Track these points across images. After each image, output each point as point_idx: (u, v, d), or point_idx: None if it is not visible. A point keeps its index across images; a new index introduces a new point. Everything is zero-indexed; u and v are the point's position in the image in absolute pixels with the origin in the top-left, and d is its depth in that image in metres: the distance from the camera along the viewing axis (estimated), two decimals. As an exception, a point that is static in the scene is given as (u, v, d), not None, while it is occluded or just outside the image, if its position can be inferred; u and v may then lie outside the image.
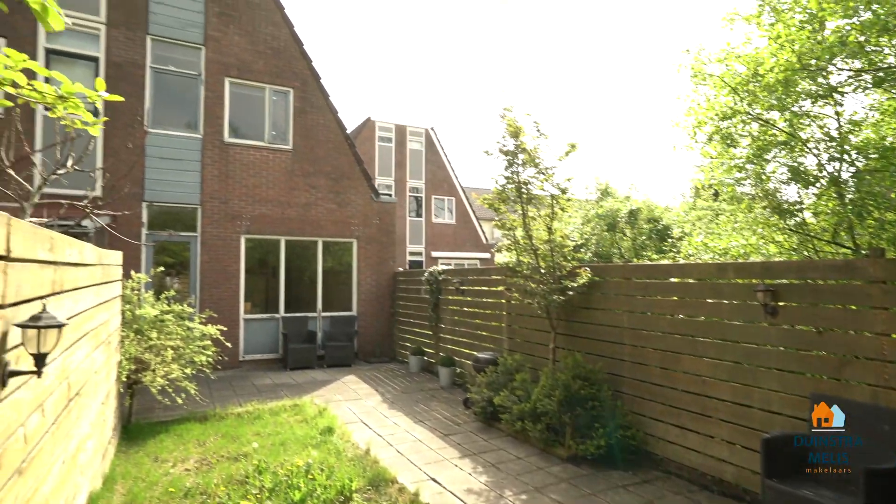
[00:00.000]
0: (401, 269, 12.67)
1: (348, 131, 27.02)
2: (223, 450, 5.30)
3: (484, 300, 8.35)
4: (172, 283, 9.61)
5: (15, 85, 2.04)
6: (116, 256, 5.37)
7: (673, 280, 5.28)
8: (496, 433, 6.12)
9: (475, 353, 7.98)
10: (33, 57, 8.64)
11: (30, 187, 3.40)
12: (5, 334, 1.89)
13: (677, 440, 4.93)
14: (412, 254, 25.92)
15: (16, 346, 1.95)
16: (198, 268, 9.73)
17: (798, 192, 6.02)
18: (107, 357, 4.66)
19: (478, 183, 35.52)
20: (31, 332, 1.89)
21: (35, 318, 1.92)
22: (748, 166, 5.94)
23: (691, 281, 5.09)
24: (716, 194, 8.35)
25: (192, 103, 9.98)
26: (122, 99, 2.23)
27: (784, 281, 4.21)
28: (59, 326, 1.96)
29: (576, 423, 5.27)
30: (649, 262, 7.56)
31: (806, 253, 5.94)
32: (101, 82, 2.31)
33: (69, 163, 3.52)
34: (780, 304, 4.17)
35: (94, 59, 9.20)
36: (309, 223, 10.86)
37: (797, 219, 5.98)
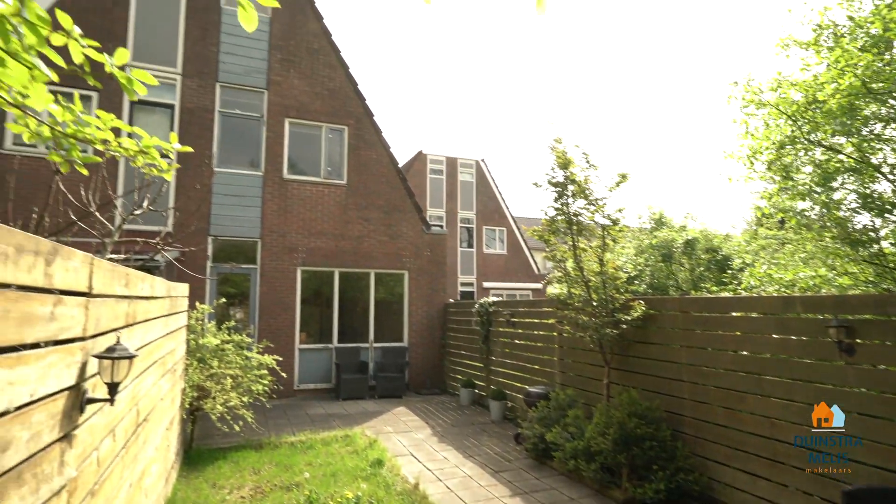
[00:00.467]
0: (451, 300, 12.71)
1: (400, 164, 27.81)
2: (277, 478, 5.41)
3: (535, 333, 8.21)
4: (234, 313, 10.08)
5: (104, 142, 2.28)
6: (183, 288, 5.72)
7: (735, 314, 5.02)
8: (548, 471, 5.92)
9: (526, 386, 7.82)
10: (119, 107, 9.54)
11: (111, 226, 3.71)
12: (85, 364, 2.05)
13: (746, 487, 4.59)
14: (463, 284, 25.96)
15: (93, 376, 2.11)
16: (257, 298, 10.17)
17: (872, 221, 5.63)
18: (172, 384, 4.92)
19: (529, 213, 35.34)
20: (106, 363, 2.05)
21: (110, 349, 2.08)
22: (814, 194, 5.62)
23: (755, 315, 4.83)
24: (781, 222, 7.96)
25: (255, 143, 10.63)
26: (191, 150, 2.44)
27: (863, 316, 3.91)
28: (131, 357, 2.11)
29: (632, 463, 5.02)
30: (709, 295, 7.23)
31: (886, 286, 5.50)
32: (174, 136, 2.54)
33: (145, 203, 3.83)
34: (858, 341, 3.87)
35: (171, 106, 10.03)
36: (362, 255, 11.15)
37: (873, 249, 5.57)
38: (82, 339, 2.00)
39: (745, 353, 4.77)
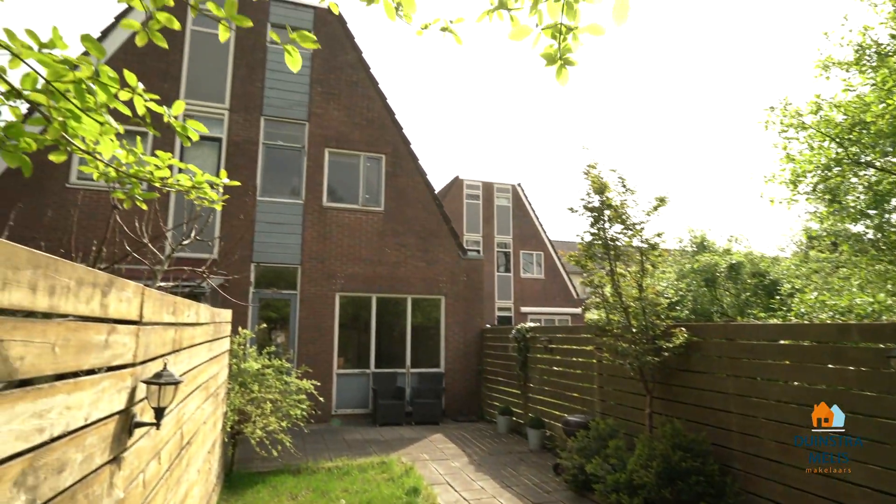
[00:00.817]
0: (488, 325, 12.62)
1: (437, 190, 28.16)
2: (313, 505, 5.43)
3: (573, 359, 8.04)
4: (276, 337, 10.32)
5: (162, 180, 2.45)
6: (227, 314, 5.92)
7: (785, 342, 4.79)
8: (589, 505, 5.72)
9: (565, 414, 7.63)
10: (172, 141, 10.13)
11: (161, 256, 3.91)
12: (134, 389, 2.16)
13: (803, 529, 4.29)
14: (501, 309, 25.76)
15: (140, 400, 2.21)
16: (297, 323, 10.39)
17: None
18: (214, 408, 5.06)
19: (567, 236, 34.96)
20: (154, 388, 2.15)
21: (157, 375, 2.18)
22: (866, 216, 5.35)
23: (808, 344, 4.59)
24: (834, 245, 7.59)
25: (296, 172, 11.02)
26: (239, 183, 2.58)
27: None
28: (177, 383, 2.21)
29: (678, 499, 4.79)
30: (756, 322, 6.92)
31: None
32: (224, 173, 2.71)
33: (192, 234, 4.03)
34: (922, 372, 3.62)
35: (218, 140, 10.56)
36: (398, 280, 11.27)
37: (937, 273, 5.23)
38: (133, 364, 2.11)
39: (797, 383, 4.52)
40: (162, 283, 3.77)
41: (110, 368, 1.88)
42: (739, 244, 9.27)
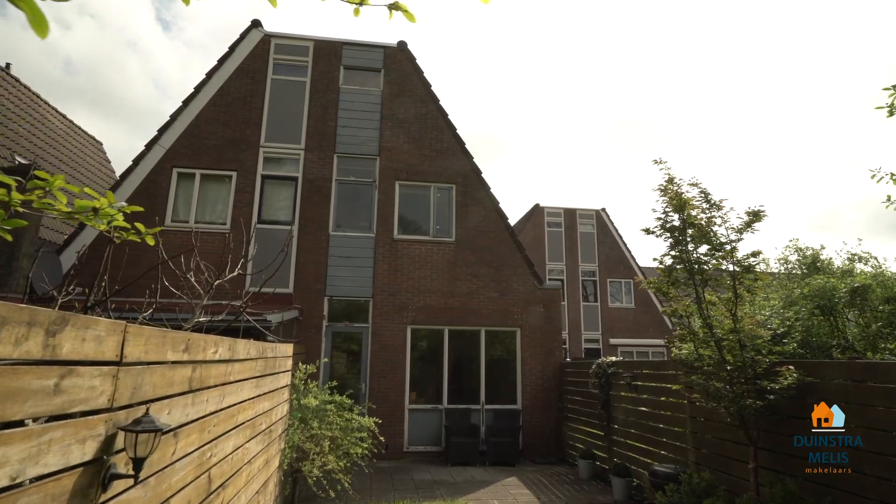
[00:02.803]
0: (569, 359, 11.78)
1: (516, 219, 27.62)
2: (368, 555, 5.07)
3: (662, 399, 7.12)
4: (342, 370, 10.30)
5: (25, 203, 2.07)
6: (285, 349, 5.88)
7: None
8: (683, 578, 4.82)
9: (653, 462, 6.72)
10: (253, 182, 10.72)
11: (201, 290, 3.87)
12: (113, 436, 1.98)
13: None
14: (588, 341, 24.35)
15: (121, 451, 2.02)
16: (368, 357, 10.31)
17: None
18: (266, 445, 4.95)
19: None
20: (130, 436, 1.95)
21: (136, 422, 1.99)
22: None
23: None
24: None
25: (367, 206, 11.17)
26: (142, 209, 2.21)
27: None
28: (156, 431, 1.99)
29: (796, 583, 3.85)
30: (894, 360, 5.68)
31: None
32: (111, 195, 2.22)
33: (230, 268, 3.97)
34: None
35: (295, 179, 11.01)
36: (471, 312, 10.89)
37: None
38: (108, 410, 1.93)
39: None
40: (201, 319, 3.71)
41: (66, 416, 1.70)
42: (864, 264, 7.82)
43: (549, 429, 10.55)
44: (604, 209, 26.43)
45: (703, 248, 5.41)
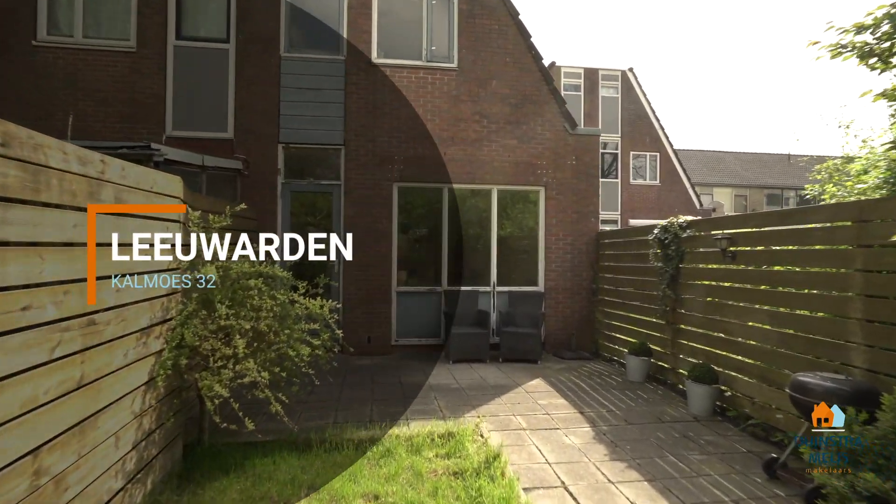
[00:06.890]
0: (608, 227, 9.15)
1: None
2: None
3: (790, 270, 4.52)
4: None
5: None
6: (163, 183, 3.14)
7: None
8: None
9: (785, 370, 4.31)
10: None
11: None
12: None
13: None
14: (605, 222, 21.76)
15: None
16: (341, 224, 7.66)
17: None
18: (115, 349, 2.39)
19: (693, 142, 29.20)
20: None
21: None
22: None
23: None
24: None
25: (334, 15, 7.83)
26: None
27: None
28: None
29: None
30: None
31: None
32: None
33: None
34: None
35: (225, -29, 7.56)
36: (479, 166, 8.05)
37: None
38: None
39: None
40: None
41: None
42: None
43: (580, 316, 8.21)
44: (631, 69, 22.45)
45: None
